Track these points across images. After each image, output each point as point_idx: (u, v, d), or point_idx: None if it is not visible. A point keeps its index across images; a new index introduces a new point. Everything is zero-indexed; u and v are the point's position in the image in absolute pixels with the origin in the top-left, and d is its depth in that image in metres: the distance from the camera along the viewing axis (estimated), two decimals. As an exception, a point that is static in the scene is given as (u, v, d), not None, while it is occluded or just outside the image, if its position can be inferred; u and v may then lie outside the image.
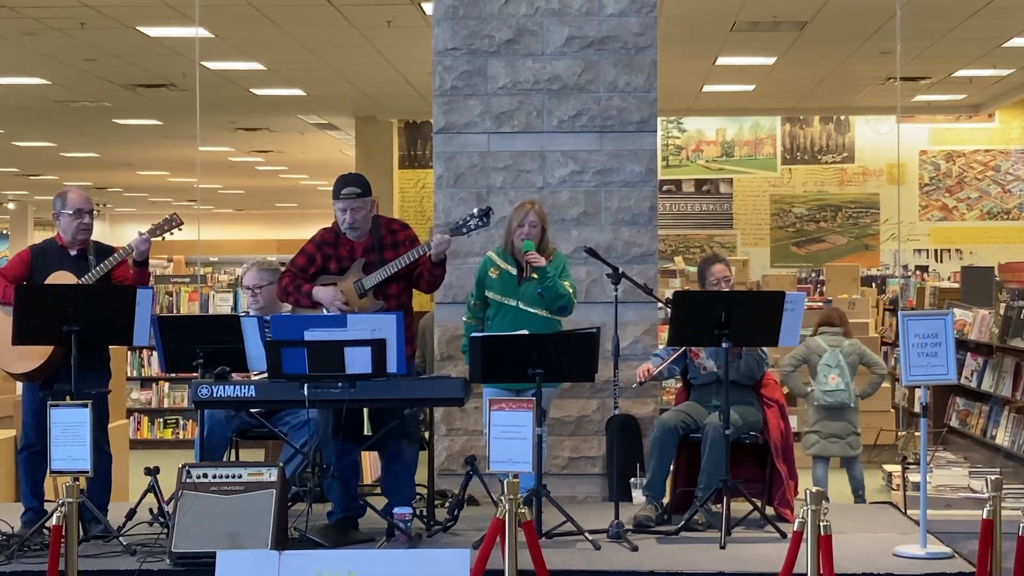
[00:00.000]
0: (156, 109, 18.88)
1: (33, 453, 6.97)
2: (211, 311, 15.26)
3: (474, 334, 7.07)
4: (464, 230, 7.20)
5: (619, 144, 8.64)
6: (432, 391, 6.85)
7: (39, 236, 29.47)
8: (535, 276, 7.54)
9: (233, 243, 33.06)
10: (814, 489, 5.47)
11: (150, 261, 7.36)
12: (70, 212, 7.11)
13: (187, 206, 39.56)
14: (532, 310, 7.61)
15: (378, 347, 6.53)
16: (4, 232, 40.35)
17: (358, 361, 6.54)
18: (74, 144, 23.99)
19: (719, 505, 7.12)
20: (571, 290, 7.61)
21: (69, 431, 6.12)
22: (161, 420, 16.10)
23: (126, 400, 13.72)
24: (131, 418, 16.34)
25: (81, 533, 6.78)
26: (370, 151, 20.25)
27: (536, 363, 6.79)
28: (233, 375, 7.12)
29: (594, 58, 8.63)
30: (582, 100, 8.64)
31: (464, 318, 7.93)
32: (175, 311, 16.03)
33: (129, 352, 15.41)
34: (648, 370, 7.59)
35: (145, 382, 16.21)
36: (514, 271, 7.67)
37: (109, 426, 10.13)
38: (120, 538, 6.69)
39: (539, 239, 7.61)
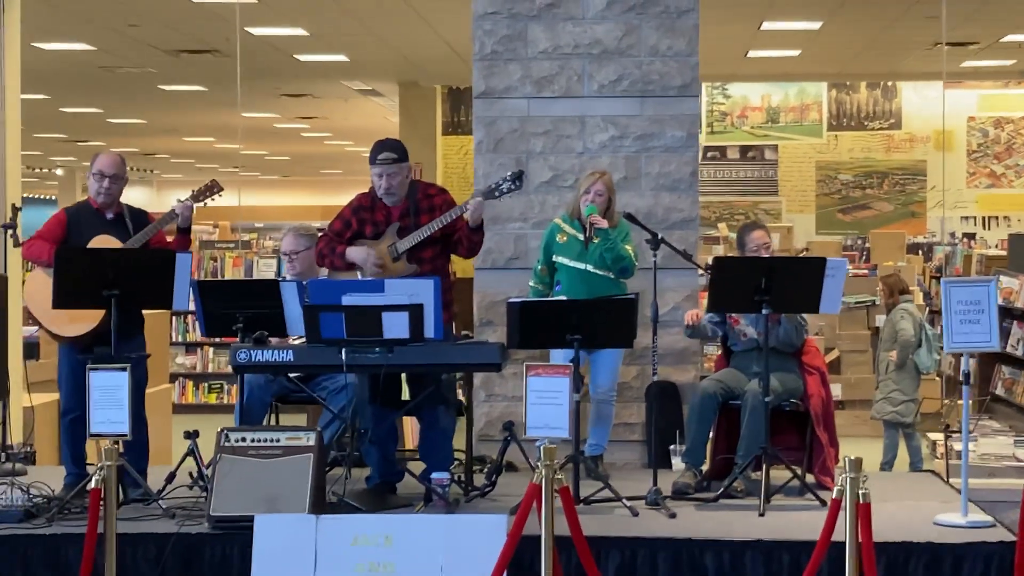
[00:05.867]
0: (200, 75, 18.91)
1: (74, 419, 6.99)
2: (255, 276, 15.30)
3: (511, 300, 7.04)
4: (496, 194, 7.19)
5: (660, 109, 8.59)
6: (469, 357, 6.84)
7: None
8: (596, 239, 7.56)
9: (278, 209, 33.07)
10: (853, 456, 5.44)
11: (194, 227, 7.38)
12: (93, 173, 7.13)
13: (232, 172, 39.71)
14: (600, 272, 7.66)
15: (416, 312, 6.51)
16: (53, 198, 40.62)
17: (396, 326, 6.53)
18: (120, 110, 24.08)
19: (759, 472, 7.08)
20: (632, 253, 7.64)
21: (108, 395, 6.14)
22: (205, 384, 16.20)
23: (169, 365, 13.78)
24: (176, 383, 16.47)
25: (121, 496, 6.83)
26: (413, 117, 20.23)
27: (574, 329, 6.77)
28: (272, 340, 7.15)
29: (635, 22, 8.56)
30: (623, 64, 8.57)
31: (531, 283, 7.93)
32: (220, 276, 16.10)
33: (173, 317, 15.50)
34: (696, 315, 7.59)
35: (190, 347, 16.31)
36: (581, 236, 7.69)
37: (152, 390, 10.26)
38: (160, 501, 6.72)
39: (604, 208, 7.65)
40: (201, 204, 7.26)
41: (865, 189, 20.45)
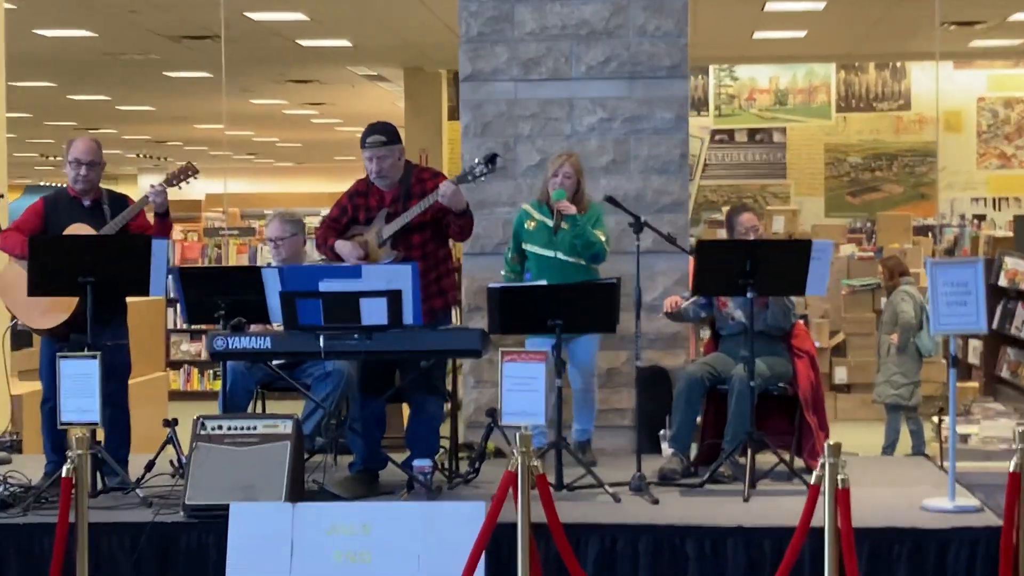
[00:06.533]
0: (204, 61, 18.82)
1: (53, 407, 6.91)
2: (259, 263, 15.23)
3: (491, 284, 6.96)
4: (469, 178, 7.07)
5: (649, 90, 8.48)
6: (449, 343, 6.73)
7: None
8: (565, 226, 7.44)
9: (290, 196, 32.98)
10: (832, 442, 5.36)
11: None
12: (70, 161, 7.06)
13: (246, 160, 39.64)
14: (571, 260, 7.53)
15: (394, 298, 6.43)
16: (65, 186, 40.60)
17: (374, 312, 6.45)
18: (127, 97, 24.01)
19: (745, 457, 6.99)
20: (603, 238, 7.51)
21: (79, 383, 6.08)
22: (211, 372, 16.14)
23: (165, 353, 13.72)
24: (181, 370, 16.44)
25: (101, 485, 6.78)
26: (419, 103, 20.13)
27: (555, 314, 6.69)
28: (255, 327, 7.09)
29: (623, 2, 8.45)
30: (611, 45, 8.47)
31: (502, 272, 7.84)
32: (224, 263, 16.06)
33: (179, 304, 15.45)
34: (676, 302, 7.47)
35: (195, 334, 16.26)
36: (550, 222, 7.57)
37: (145, 379, 10.22)
38: (137, 490, 6.65)
39: (573, 191, 7.53)
40: (176, 187, 7.17)
41: (874, 171, 20.28)
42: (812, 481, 5.40)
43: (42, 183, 41.84)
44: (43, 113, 25.57)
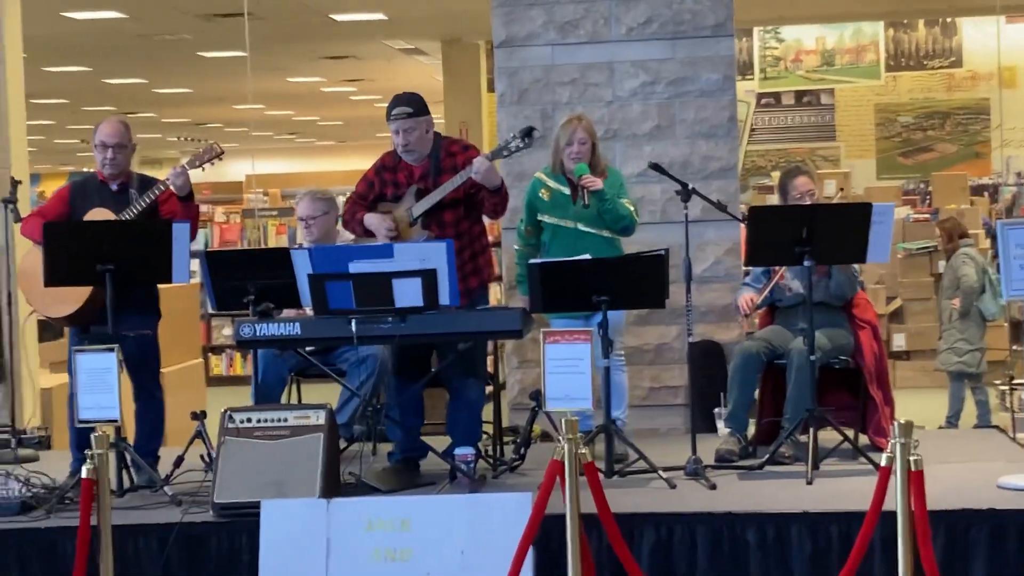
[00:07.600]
0: (238, 40, 18.50)
1: None
2: (298, 244, 14.93)
3: (532, 260, 6.58)
4: (504, 153, 6.69)
5: (693, 51, 8.09)
6: (488, 324, 6.33)
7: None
8: (587, 205, 6.98)
9: (330, 174, 32.74)
10: (904, 420, 4.97)
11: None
12: (96, 144, 6.72)
13: (287, 139, 39.40)
14: (592, 230, 7.09)
15: (428, 278, 6.06)
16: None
17: (408, 293, 6.08)
18: (164, 80, 23.75)
19: (807, 436, 6.60)
20: (632, 208, 7.08)
21: (96, 377, 5.75)
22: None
23: (206, 338, 13.46)
24: (223, 355, 16.20)
25: (129, 483, 6.48)
26: (458, 75, 19.74)
27: (601, 289, 6.30)
28: (289, 312, 6.76)
29: (663, -42, 8.08)
30: (652, 5, 8.09)
31: (515, 246, 7.43)
32: (263, 245, 15.82)
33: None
34: (752, 299, 7.04)
35: (236, 319, 15.99)
36: (567, 190, 7.12)
37: (181, 366, 9.92)
38: (166, 488, 6.33)
39: (589, 155, 7.07)
40: (200, 169, 6.82)
41: (927, 131, 19.78)
42: (882, 463, 5.01)
43: (85, 169, 41.78)
44: (80, 98, 25.37)
